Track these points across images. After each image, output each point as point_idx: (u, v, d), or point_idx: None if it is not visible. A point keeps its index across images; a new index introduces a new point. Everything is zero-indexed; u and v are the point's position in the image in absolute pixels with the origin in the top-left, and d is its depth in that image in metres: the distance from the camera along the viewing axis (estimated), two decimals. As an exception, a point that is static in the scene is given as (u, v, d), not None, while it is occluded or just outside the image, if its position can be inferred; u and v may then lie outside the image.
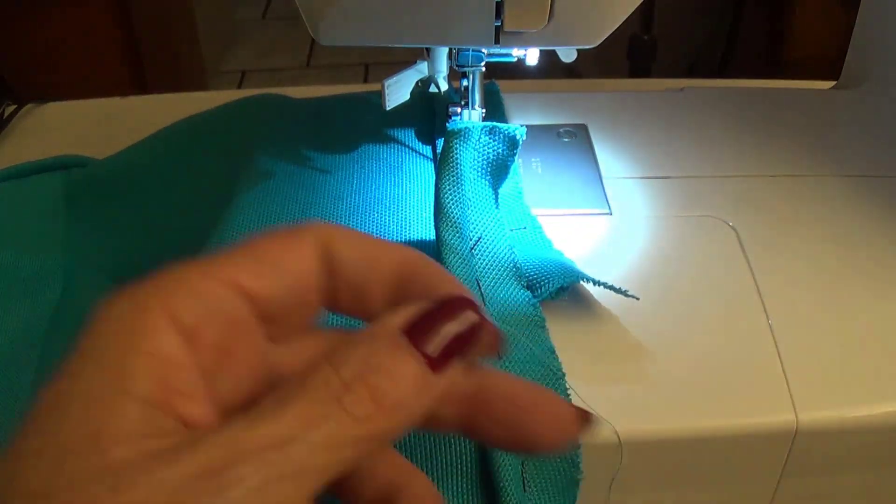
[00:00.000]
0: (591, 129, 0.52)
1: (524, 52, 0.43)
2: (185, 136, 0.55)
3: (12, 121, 0.62)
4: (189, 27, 1.84)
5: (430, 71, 0.46)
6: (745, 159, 0.49)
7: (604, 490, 0.36)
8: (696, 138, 0.51)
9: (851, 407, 0.36)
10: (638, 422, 0.35)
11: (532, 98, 0.55)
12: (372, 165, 0.47)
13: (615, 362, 0.37)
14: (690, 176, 0.48)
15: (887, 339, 0.39)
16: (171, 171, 0.54)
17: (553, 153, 0.50)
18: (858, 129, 0.53)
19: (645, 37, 1.57)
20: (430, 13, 0.38)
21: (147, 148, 0.55)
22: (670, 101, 0.55)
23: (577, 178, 0.48)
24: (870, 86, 0.57)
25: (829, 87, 0.61)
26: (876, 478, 0.39)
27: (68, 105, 0.65)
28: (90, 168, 0.56)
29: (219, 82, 2.11)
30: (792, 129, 0.52)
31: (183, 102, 0.63)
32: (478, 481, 0.32)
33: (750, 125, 0.52)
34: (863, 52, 0.58)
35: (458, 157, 0.40)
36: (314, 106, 0.54)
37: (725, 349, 0.38)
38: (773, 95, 0.58)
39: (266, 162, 0.48)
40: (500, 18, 0.38)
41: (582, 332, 0.38)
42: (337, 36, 0.39)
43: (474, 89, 0.45)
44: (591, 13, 0.38)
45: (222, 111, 0.55)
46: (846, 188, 0.47)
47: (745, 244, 0.43)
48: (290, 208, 0.44)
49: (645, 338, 0.38)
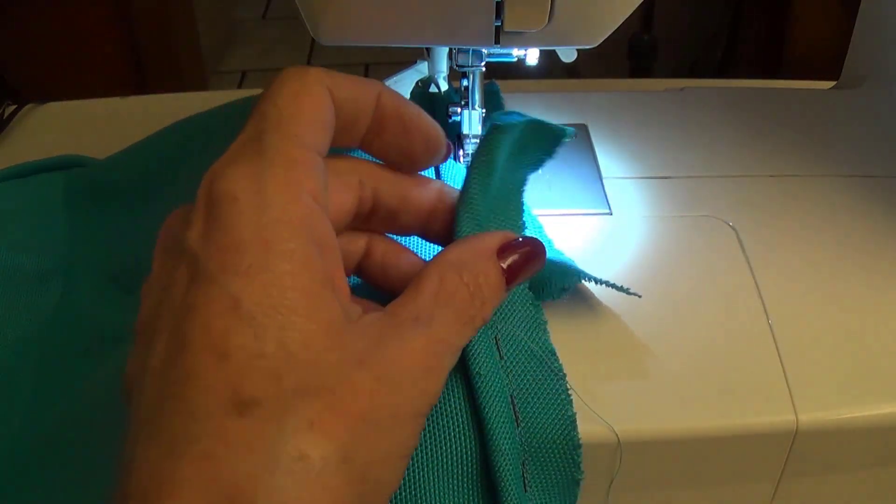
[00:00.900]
0: (591, 129, 0.52)
1: (524, 52, 0.43)
2: (186, 137, 0.55)
3: (12, 121, 0.62)
4: (189, 27, 1.84)
5: (430, 71, 0.46)
6: (745, 159, 0.49)
7: (603, 490, 0.36)
8: (696, 138, 0.51)
9: (851, 407, 0.36)
10: (638, 421, 0.35)
11: (532, 98, 0.55)
12: (372, 165, 0.47)
13: (615, 362, 0.37)
14: (690, 176, 0.48)
15: (887, 340, 0.39)
16: (172, 171, 0.53)
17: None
18: (858, 129, 0.53)
19: (645, 37, 1.57)
20: (430, 13, 0.38)
21: (147, 148, 0.55)
22: (670, 101, 0.55)
23: (577, 178, 0.48)
24: (870, 86, 0.57)
25: (829, 87, 0.61)
26: (876, 478, 0.39)
27: (68, 105, 0.65)
28: (90, 168, 0.56)
29: (219, 82, 2.11)
30: (792, 129, 0.52)
31: (183, 102, 0.62)
32: (478, 481, 0.32)
33: (750, 125, 0.52)
34: (863, 52, 0.58)
35: (495, 151, 0.39)
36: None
37: (725, 349, 0.38)
38: (773, 95, 0.58)
39: (266, 162, 0.48)
40: (500, 18, 0.38)
41: (582, 331, 0.38)
42: (337, 36, 0.39)
43: (474, 89, 0.45)
44: (591, 13, 0.38)
45: (222, 111, 0.55)
46: (846, 188, 0.47)
47: (745, 244, 0.43)
48: (290, 208, 0.44)
49: (645, 338, 0.38)
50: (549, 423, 0.33)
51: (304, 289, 0.25)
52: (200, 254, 0.25)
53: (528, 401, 0.33)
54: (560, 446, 0.33)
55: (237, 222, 0.25)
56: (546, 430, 0.33)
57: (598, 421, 0.34)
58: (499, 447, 0.31)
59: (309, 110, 0.28)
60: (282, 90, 0.28)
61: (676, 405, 0.35)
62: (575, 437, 0.33)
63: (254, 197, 0.26)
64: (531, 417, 0.33)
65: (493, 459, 0.31)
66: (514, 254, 0.32)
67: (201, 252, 0.25)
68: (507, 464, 0.31)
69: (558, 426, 0.33)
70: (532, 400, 0.33)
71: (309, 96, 0.29)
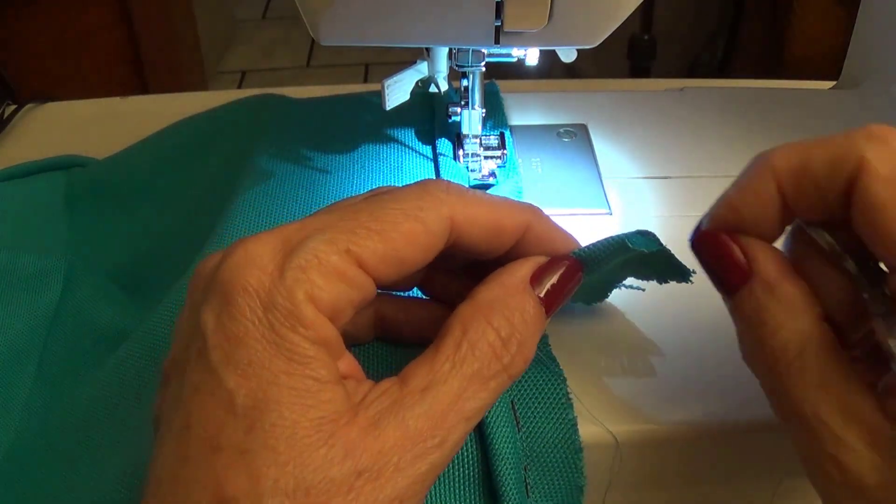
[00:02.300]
0: (591, 129, 0.52)
1: (524, 52, 0.43)
2: (186, 137, 0.55)
3: (12, 121, 0.62)
4: (189, 27, 1.84)
5: (430, 71, 0.46)
6: (745, 159, 0.49)
7: (602, 490, 0.36)
8: (696, 138, 0.51)
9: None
10: (638, 420, 0.35)
11: (532, 98, 0.55)
12: (372, 165, 0.47)
13: (615, 362, 0.37)
14: (690, 176, 0.48)
15: (887, 339, 0.39)
16: (171, 171, 0.54)
17: (553, 153, 0.50)
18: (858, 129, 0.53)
19: (645, 37, 1.57)
20: (430, 13, 0.38)
21: (147, 148, 0.55)
22: (670, 101, 0.55)
23: (576, 178, 0.48)
24: (870, 86, 0.57)
25: (829, 87, 0.61)
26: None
27: (68, 105, 0.65)
28: (90, 168, 0.56)
29: (219, 82, 2.11)
30: (792, 129, 0.52)
31: (183, 102, 0.63)
32: (480, 487, 0.32)
33: (750, 125, 0.52)
34: (863, 52, 0.58)
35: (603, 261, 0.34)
36: (314, 106, 0.54)
37: (725, 349, 0.38)
38: (773, 95, 0.58)
39: (266, 162, 0.48)
40: (500, 18, 0.38)
41: (582, 331, 0.38)
42: (337, 36, 0.39)
43: (474, 89, 0.45)
44: (591, 13, 0.38)
45: (222, 111, 0.55)
46: (846, 188, 0.47)
47: (745, 244, 0.43)
48: (290, 208, 0.44)
49: (645, 337, 0.38)
50: (549, 427, 0.33)
51: (299, 387, 0.25)
52: (210, 338, 0.25)
53: (528, 405, 0.33)
54: (561, 450, 0.33)
55: (245, 315, 0.25)
56: (547, 434, 0.33)
57: (596, 422, 0.34)
58: (500, 452, 0.31)
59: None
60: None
61: (677, 404, 0.35)
62: (576, 440, 0.33)
63: (265, 296, 0.25)
64: (532, 421, 0.33)
65: (494, 464, 0.31)
66: (550, 276, 0.30)
67: (210, 336, 0.25)
68: (509, 468, 0.31)
69: (559, 430, 0.33)
70: (532, 404, 0.33)
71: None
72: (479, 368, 0.27)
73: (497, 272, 0.30)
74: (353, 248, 0.26)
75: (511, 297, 0.29)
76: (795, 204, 0.28)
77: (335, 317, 0.26)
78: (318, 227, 0.27)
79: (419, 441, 0.26)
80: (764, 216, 0.29)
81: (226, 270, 0.26)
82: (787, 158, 0.28)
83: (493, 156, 0.48)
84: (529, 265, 0.30)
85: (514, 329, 0.28)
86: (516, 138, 0.50)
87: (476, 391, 0.27)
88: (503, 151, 0.48)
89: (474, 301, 0.29)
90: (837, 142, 0.27)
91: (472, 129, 0.47)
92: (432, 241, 0.28)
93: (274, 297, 0.25)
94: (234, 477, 0.24)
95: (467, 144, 0.47)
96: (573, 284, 0.31)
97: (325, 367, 0.25)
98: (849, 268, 0.28)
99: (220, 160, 0.52)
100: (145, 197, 0.53)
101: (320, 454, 0.24)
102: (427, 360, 0.27)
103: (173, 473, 0.25)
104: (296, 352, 0.25)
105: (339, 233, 0.26)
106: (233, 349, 0.25)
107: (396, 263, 0.27)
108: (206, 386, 0.25)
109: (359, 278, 0.27)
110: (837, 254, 0.29)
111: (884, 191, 0.26)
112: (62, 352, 0.45)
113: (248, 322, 0.25)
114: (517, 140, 0.50)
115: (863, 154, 0.26)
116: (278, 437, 0.24)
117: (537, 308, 0.29)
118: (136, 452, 0.35)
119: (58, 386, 0.44)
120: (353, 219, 0.27)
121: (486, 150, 0.48)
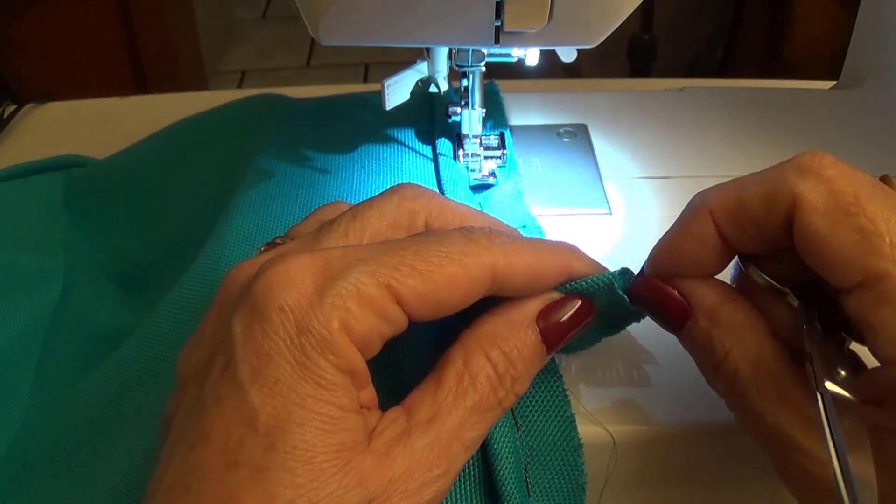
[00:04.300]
0: (591, 129, 0.52)
1: (524, 52, 0.43)
2: (186, 137, 0.55)
3: (12, 121, 0.62)
4: (189, 27, 1.84)
5: (430, 71, 0.46)
6: (745, 159, 0.49)
7: (598, 490, 0.36)
8: (696, 138, 0.51)
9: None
10: (636, 422, 0.35)
11: (532, 98, 0.55)
12: (372, 165, 0.47)
13: (614, 362, 0.37)
14: (690, 176, 0.48)
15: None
16: (171, 170, 0.54)
17: (553, 153, 0.50)
18: (858, 129, 0.53)
19: (645, 37, 1.57)
20: (430, 13, 0.38)
21: (147, 148, 0.55)
22: (670, 101, 0.55)
23: (576, 178, 0.48)
24: (870, 86, 0.57)
25: (829, 87, 0.61)
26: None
27: (68, 105, 0.65)
28: (90, 168, 0.56)
29: (219, 82, 2.11)
30: (792, 129, 0.52)
31: (183, 102, 0.63)
32: (481, 485, 0.32)
33: (750, 125, 0.52)
34: (863, 52, 0.58)
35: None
36: (314, 106, 0.54)
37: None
38: (773, 95, 0.58)
39: (266, 162, 0.48)
40: (500, 18, 0.38)
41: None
42: (337, 36, 0.39)
43: (474, 89, 0.45)
44: (591, 13, 0.38)
45: (222, 111, 0.55)
46: (846, 188, 0.47)
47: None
48: (291, 208, 0.44)
49: (644, 338, 0.38)
50: (548, 425, 0.33)
51: (323, 413, 0.25)
52: (238, 350, 0.25)
53: (526, 404, 0.33)
54: (561, 448, 0.33)
55: (279, 334, 0.25)
56: (546, 432, 0.33)
57: (594, 421, 0.34)
58: (500, 452, 0.31)
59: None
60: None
61: (676, 405, 0.35)
62: (575, 437, 0.33)
63: (301, 318, 0.25)
64: (530, 420, 0.33)
65: (494, 465, 0.31)
66: (558, 314, 0.30)
67: (239, 349, 0.25)
68: (509, 468, 0.31)
69: (558, 427, 0.33)
70: (530, 402, 0.33)
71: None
72: (479, 400, 0.28)
73: (505, 304, 0.30)
74: (394, 284, 0.26)
75: (512, 332, 0.29)
76: (736, 241, 0.30)
77: (365, 348, 0.26)
78: (362, 257, 0.27)
79: (426, 470, 0.26)
80: (704, 256, 0.30)
81: (263, 284, 0.26)
82: (723, 199, 0.29)
83: (493, 156, 0.48)
84: (538, 303, 0.30)
85: (511, 365, 0.29)
86: (516, 138, 0.50)
87: (476, 422, 0.28)
88: (503, 151, 0.48)
89: (477, 332, 0.29)
90: (771, 177, 0.28)
91: (472, 129, 0.47)
92: (472, 287, 0.28)
93: (310, 320, 0.25)
94: (249, 494, 0.24)
95: (467, 144, 0.47)
96: (582, 326, 0.31)
97: (348, 396, 0.26)
98: (790, 301, 0.29)
99: (219, 160, 0.52)
100: (145, 197, 0.53)
101: (336, 480, 0.25)
102: (430, 391, 0.28)
103: (183, 482, 0.25)
104: (324, 377, 0.25)
105: (382, 266, 0.26)
106: (262, 366, 0.25)
107: (434, 305, 0.27)
108: (229, 399, 0.25)
109: (394, 314, 0.27)
110: (777, 290, 0.30)
111: (822, 223, 0.27)
112: (62, 352, 0.45)
113: (281, 341, 0.25)
114: (517, 140, 0.50)
115: (796, 189, 0.27)
116: (298, 460, 0.24)
117: (537, 345, 0.29)
118: (137, 453, 0.35)
119: (57, 386, 0.44)
120: (397, 255, 0.27)
121: (486, 150, 0.48)
